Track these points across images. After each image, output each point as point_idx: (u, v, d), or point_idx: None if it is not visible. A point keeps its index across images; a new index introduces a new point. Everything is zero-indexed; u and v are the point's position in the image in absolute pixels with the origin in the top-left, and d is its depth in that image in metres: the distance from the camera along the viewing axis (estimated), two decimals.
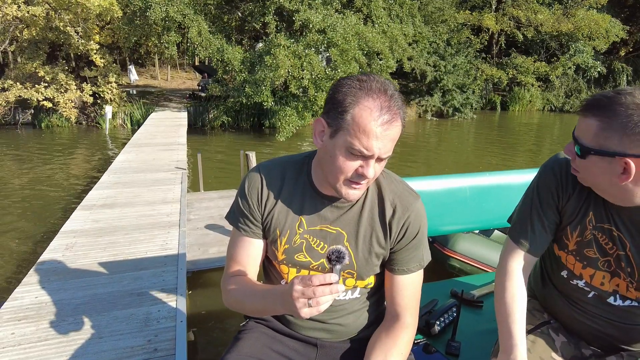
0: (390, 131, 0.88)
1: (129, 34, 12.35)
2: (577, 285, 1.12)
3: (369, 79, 0.89)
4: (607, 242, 1.06)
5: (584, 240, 1.08)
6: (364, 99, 0.87)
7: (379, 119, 0.86)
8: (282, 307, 0.88)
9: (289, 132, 11.13)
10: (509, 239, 1.15)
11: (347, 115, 0.88)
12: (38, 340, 2.33)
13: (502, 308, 1.07)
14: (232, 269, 1.10)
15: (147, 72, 25.75)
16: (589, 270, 1.09)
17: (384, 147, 0.88)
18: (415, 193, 1.08)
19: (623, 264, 1.05)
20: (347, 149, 0.89)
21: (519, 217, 1.15)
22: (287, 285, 0.84)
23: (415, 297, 1.08)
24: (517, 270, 1.10)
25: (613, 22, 19.23)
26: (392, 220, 1.04)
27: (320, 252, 1.05)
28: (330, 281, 0.78)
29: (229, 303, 1.06)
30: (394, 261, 1.07)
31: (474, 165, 9.53)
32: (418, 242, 1.07)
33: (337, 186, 0.94)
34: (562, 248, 1.14)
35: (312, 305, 0.78)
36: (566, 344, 1.17)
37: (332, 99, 0.91)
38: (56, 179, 7.34)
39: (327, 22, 11.06)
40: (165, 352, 2.27)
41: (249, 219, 1.07)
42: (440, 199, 1.71)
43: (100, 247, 3.56)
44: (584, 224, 1.08)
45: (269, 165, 1.09)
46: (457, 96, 17.06)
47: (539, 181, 1.13)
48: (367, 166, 0.90)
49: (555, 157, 1.13)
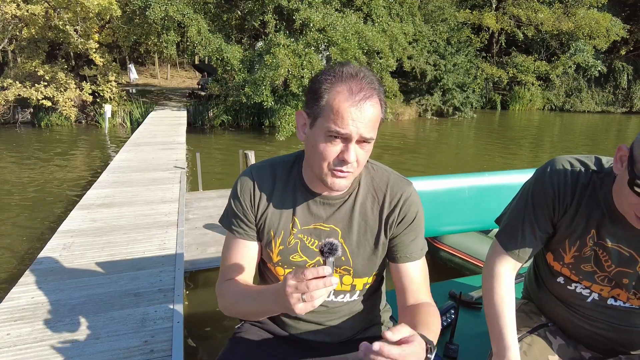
0: (365, 110, 0.87)
1: (128, 33, 12.33)
2: (575, 290, 1.10)
3: (342, 67, 0.92)
4: (607, 260, 1.02)
5: (582, 256, 1.05)
6: (336, 84, 0.89)
7: (351, 98, 0.87)
8: (277, 305, 0.85)
9: (289, 131, 11.11)
10: (497, 242, 1.12)
11: (322, 101, 0.89)
12: (34, 341, 2.31)
13: (492, 310, 1.05)
14: (227, 273, 1.07)
15: (147, 71, 25.74)
16: (585, 282, 1.07)
17: (363, 127, 0.88)
18: (407, 180, 1.08)
19: (626, 281, 1.02)
20: (325, 133, 0.89)
21: (509, 221, 1.11)
22: (280, 282, 0.83)
23: (426, 284, 1.06)
24: (505, 273, 1.08)
25: (614, 21, 19.22)
26: (390, 210, 1.03)
27: (315, 251, 1.04)
28: (323, 274, 0.75)
29: (224, 307, 1.04)
30: (396, 248, 1.05)
31: (474, 164, 9.51)
32: (416, 227, 1.06)
33: (323, 176, 0.94)
34: (557, 259, 1.11)
35: (307, 300, 0.76)
36: (564, 346, 1.15)
37: (309, 90, 0.94)
38: (55, 177, 7.32)
39: (327, 21, 11.04)
40: (162, 352, 2.25)
41: (242, 221, 1.05)
42: (440, 199, 1.70)
43: (97, 247, 3.54)
44: (584, 240, 1.03)
45: (260, 167, 1.08)
46: (457, 95, 17.04)
47: (534, 189, 1.07)
48: (347, 150, 0.89)
49: (553, 164, 1.05)
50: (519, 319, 1.18)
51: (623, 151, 0.91)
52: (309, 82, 0.97)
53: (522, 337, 1.14)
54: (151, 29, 11.91)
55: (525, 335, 1.15)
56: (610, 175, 0.99)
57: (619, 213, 0.97)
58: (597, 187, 1.00)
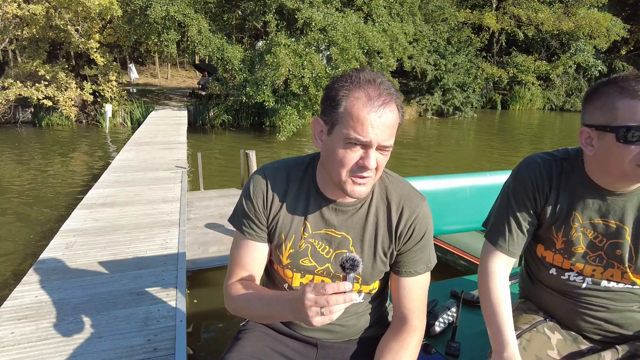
0: (385, 117, 0.87)
1: (129, 33, 12.34)
2: (569, 279, 1.14)
3: (358, 73, 0.91)
4: (596, 236, 1.08)
5: (571, 239, 1.10)
6: (354, 90, 0.88)
7: (370, 105, 0.86)
8: (292, 315, 0.86)
9: (290, 131, 11.12)
10: (487, 242, 1.18)
11: (340, 108, 0.89)
12: (38, 340, 2.33)
13: (489, 308, 1.09)
14: (235, 273, 1.08)
15: (148, 71, 25.74)
16: (578, 265, 1.12)
17: (381, 133, 0.87)
18: (421, 194, 1.07)
19: (619, 252, 1.07)
20: (344, 140, 0.89)
21: (495, 220, 1.17)
22: (297, 293, 0.83)
23: (422, 300, 1.08)
24: (498, 270, 1.13)
25: (614, 21, 19.22)
26: (399, 223, 1.03)
27: (326, 257, 1.04)
28: (344, 289, 0.76)
29: (233, 308, 1.04)
30: (401, 263, 1.06)
31: (474, 164, 9.52)
32: (425, 244, 1.06)
33: (342, 183, 0.93)
34: (548, 248, 1.16)
35: (325, 313, 0.77)
36: (562, 341, 1.17)
37: (326, 98, 0.93)
38: (56, 177, 7.34)
39: (327, 21, 11.05)
40: (164, 351, 2.27)
41: (254, 222, 1.05)
42: (441, 198, 1.71)
43: (100, 246, 3.56)
44: (568, 223, 1.10)
45: (273, 168, 1.07)
46: (458, 95, 17.04)
47: (514, 185, 1.14)
48: (367, 156, 0.89)
49: (526, 162, 1.14)
50: (517, 317, 1.22)
51: (586, 132, 1.01)
52: (324, 89, 0.95)
53: (521, 334, 1.17)
54: (152, 29, 11.92)
55: (524, 332, 1.17)
56: (578, 158, 1.10)
57: (599, 188, 1.06)
58: (569, 172, 1.10)
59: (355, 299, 0.78)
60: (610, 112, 0.95)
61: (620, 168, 0.97)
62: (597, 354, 1.12)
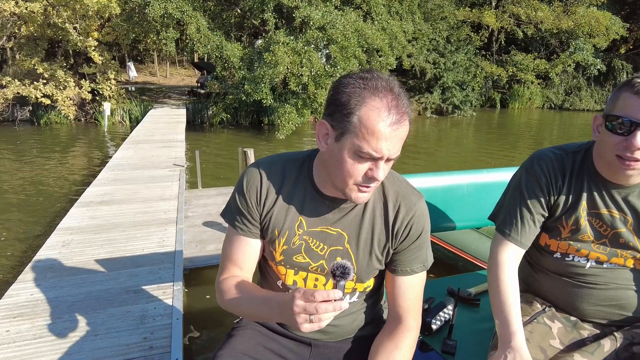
0: (400, 131, 0.85)
1: (127, 31, 12.30)
2: (573, 260, 1.17)
3: (372, 77, 0.85)
4: (601, 225, 1.13)
5: (579, 228, 1.14)
6: (370, 99, 0.83)
7: (388, 119, 0.82)
8: (281, 317, 0.85)
9: (289, 129, 11.10)
10: (498, 234, 1.20)
11: (353, 117, 0.84)
12: (33, 338, 2.32)
13: (498, 298, 1.10)
14: (227, 269, 1.07)
15: (146, 69, 25.69)
16: (583, 251, 1.15)
17: (393, 147, 0.85)
18: (419, 192, 1.05)
19: (622, 240, 1.10)
20: (355, 152, 0.85)
21: (507, 213, 1.20)
22: (288, 296, 0.82)
23: (418, 299, 1.06)
24: (508, 261, 1.14)
25: (613, 20, 19.19)
26: (396, 221, 1.02)
27: (320, 254, 1.03)
28: (334, 297, 0.75)
29: (224, 304, 1.03)
30: (397, 262, 1.04)
31: (473, 162, 9.51)
32: (421, 243, 1.04)
33: (347, 190, 0.91)
34: (553, 237, 1.18)
35: (314, 321, 0.76)
36: (562, 329, 1.18)
37: (335, 100, 0.87)
38: (54, 175, 7.32)
39: (326, 19, 11.02)
40: (161, 349, 2.26)
41: (246, 217, 1.03)
42: (439, 195, 1.69)
43: (97, 244, 3.54)
44: (578, 212, 1.13)
45: (268, 162, 1.04)
46: (457, 93, 17.03)
47: (527, 179, 1.17)
48: (376, 168, 0.87)
49: (538, 156, 1.18)
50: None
51: (599, 119, 1.07)
52: (331, 89, 0.89)
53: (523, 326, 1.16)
54: (150, 27, 11.88)
55: (525, 324, 1.17)
56: (588, 151, 1.15)
57: (604, 180, 1.10)
58: (580, 164, 1.15)
59: (345, 307, 0.75)
60: (614, 102, 1.02)
61: (606, 156, 1.04)
62: (597, 342, 1.13)
